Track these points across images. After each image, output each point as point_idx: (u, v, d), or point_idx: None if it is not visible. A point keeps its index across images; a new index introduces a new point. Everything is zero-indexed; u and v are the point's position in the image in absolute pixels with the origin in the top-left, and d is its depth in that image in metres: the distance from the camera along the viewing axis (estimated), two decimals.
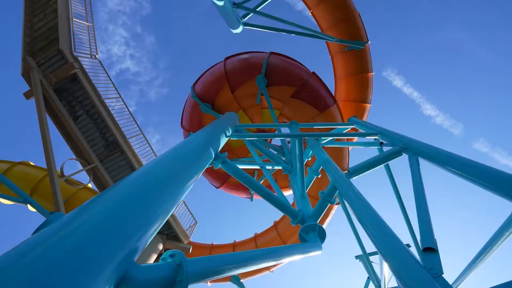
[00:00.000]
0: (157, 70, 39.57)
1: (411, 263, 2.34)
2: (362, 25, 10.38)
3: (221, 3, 8.39)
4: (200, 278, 2.47)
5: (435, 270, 2.34)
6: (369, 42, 10.45)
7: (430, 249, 2.66)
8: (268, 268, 11.03)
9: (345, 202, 4.20)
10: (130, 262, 2.03)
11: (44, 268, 1.31)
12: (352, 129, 7.32)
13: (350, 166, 9.69)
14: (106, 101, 8.06)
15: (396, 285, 7.63)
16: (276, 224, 11.60)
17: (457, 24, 35.61)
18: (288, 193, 10.33)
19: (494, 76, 34.84)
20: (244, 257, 3.08)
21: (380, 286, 7.55)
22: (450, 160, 3.59)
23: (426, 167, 4.29)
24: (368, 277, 8.26)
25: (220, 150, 8.56)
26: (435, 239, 2.78)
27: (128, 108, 8.54)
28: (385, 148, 5.58)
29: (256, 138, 7.22)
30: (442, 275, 2.31)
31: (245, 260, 3.07)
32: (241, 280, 9.38)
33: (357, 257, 8.43)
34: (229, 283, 9.61)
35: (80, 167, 7.88)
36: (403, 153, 4.61)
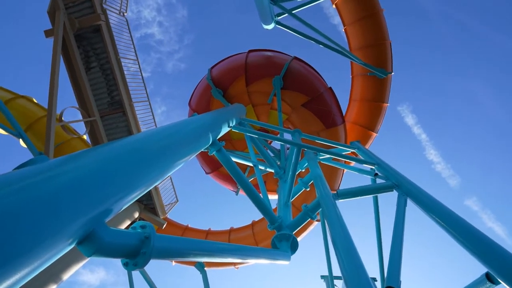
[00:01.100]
0: (180, 44, 39.48)
1: None
2: (390, 55, 10.33)
3: None
4: (164, 256, 2.49)
5: None
6: (393, 73, 10.41)
7: None
8: (234, 263, 11.09)
9: (325, 222, 4.20)
10: (100, 221, 2.03)
11: (13, 205, 1.31)
12: (352, 152, 7.31)
13: (340, 188, 9.71)
14: (122, 60, 8.03)
15: None
16: (253, 223, 11.65)
17: (482, 79, 35.50)
18: (273, 197, 10.34)
19: (503, 139, 34.76)
20: (213, 247, 3.09)
21: None
22: (436, 209, 3.59)
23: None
24: None
25: (220, 138, 8.57)
26: (400, 281, 2.79)
27: (141, 73, 8.53)
28: (378, 180, 5.58)
29: (257, 136, 7.21)
30: None
31: (212, 250, 3.08)
32: (205, 268, 9.44)
33: (322, 277, 8.47)
34: (193, 267, 9.66)
35: (80, 117, 7.88)
36: (394, 190, 4.61)
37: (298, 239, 10.05)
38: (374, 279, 7.58)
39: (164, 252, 2.43)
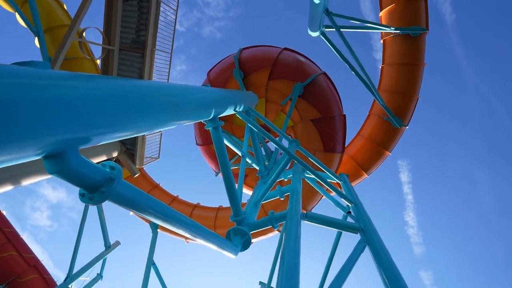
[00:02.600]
0: (225, 14, 38.97)
1: None
2: (412, 110, 10.33)
3: (317, 2, 8.21)
4: (121, 203, 2.50)
5: None
6: (407, 127, 10.43)
7: None
8: (186, 237, 11.20)
9: (284, 235, 4.25)
10: (74, 145, 2.03)
11: None
12: (336, 183, 7.36)
13: (313, 211, 9.79)
14: (162, 5, 7.86)
15: None
16: (220, 208, 11.74)
17: (486, 168, 35.75)
18: (247, 192, 10.40)
19: (483, 228, 35.23)
20: (170, 214, 3.10)
21: None
22: (388, 268, 3.64)
23: None
24: None
25: (223, 117, 8.52)
26: None
27: (175, 25, 8.40)
28: (349, 219, 5.63)
29: (257, 131, 7.21)
30: None
31: (168, 216, 3.09)
32: (158, 230, 9.57)
33: (260, 283, 8.60)
34: (147, 224, 9.75)
35: (100, 41, 7.77)
36: (358, 233, 4.67)
37: (253, 240, 10.16)
38: None
39: (122, 199, 2.45)
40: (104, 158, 6.64)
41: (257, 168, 7.72)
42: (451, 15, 33.73)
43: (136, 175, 7.77)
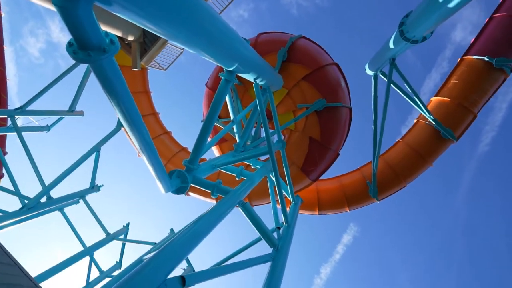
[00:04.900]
0: None
1: None
2: (393, 191, 10.49)
3: (391, 46, 8.00)
4: (99, 75, 2.49)
5: None
6: (378, 202, 10.68)
7: None
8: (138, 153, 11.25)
9: (214, 207, 4.36)
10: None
11: None
12: (288, 200, 7.53)
13: (254, 205, 10.03)
14: None
15: None
16: (184, 149, 11.78)
17: (413, 277, 37.47)
18: (215, 151, 10.46)
19: None
20: (135, 118, 3.09)
21: None
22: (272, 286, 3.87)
23: None
24: None
25: (242, 79, 8.35)
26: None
27: None
28: (275, 233, 5.83)
29: (260, 111, 7.17)
30: None
31: (132, 119, 3.08)
32: (122, 130, 9.61)
33: (171, 230, 8.92)
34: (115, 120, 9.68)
35: None
36: (272, 249, 4.86)
37: (191, 194, 10.33)
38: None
39: (101, 73, 2.43)
40: (118, 34, 6.40)
41: (237, 140, 7.75)
42: (485, 146, 33.88)
43: (136, 70, 7.58)
